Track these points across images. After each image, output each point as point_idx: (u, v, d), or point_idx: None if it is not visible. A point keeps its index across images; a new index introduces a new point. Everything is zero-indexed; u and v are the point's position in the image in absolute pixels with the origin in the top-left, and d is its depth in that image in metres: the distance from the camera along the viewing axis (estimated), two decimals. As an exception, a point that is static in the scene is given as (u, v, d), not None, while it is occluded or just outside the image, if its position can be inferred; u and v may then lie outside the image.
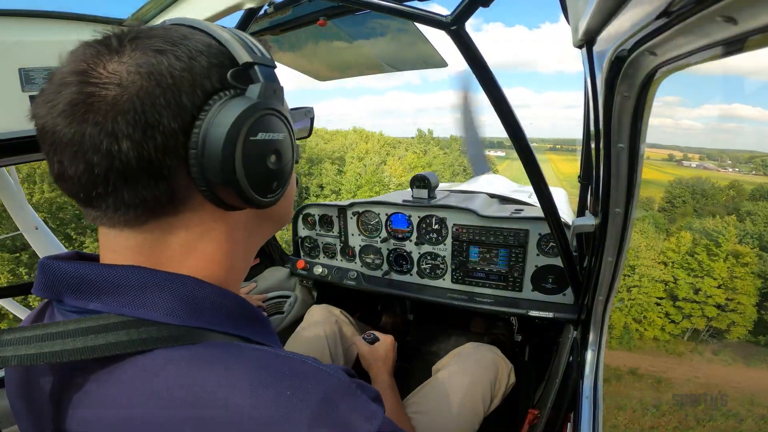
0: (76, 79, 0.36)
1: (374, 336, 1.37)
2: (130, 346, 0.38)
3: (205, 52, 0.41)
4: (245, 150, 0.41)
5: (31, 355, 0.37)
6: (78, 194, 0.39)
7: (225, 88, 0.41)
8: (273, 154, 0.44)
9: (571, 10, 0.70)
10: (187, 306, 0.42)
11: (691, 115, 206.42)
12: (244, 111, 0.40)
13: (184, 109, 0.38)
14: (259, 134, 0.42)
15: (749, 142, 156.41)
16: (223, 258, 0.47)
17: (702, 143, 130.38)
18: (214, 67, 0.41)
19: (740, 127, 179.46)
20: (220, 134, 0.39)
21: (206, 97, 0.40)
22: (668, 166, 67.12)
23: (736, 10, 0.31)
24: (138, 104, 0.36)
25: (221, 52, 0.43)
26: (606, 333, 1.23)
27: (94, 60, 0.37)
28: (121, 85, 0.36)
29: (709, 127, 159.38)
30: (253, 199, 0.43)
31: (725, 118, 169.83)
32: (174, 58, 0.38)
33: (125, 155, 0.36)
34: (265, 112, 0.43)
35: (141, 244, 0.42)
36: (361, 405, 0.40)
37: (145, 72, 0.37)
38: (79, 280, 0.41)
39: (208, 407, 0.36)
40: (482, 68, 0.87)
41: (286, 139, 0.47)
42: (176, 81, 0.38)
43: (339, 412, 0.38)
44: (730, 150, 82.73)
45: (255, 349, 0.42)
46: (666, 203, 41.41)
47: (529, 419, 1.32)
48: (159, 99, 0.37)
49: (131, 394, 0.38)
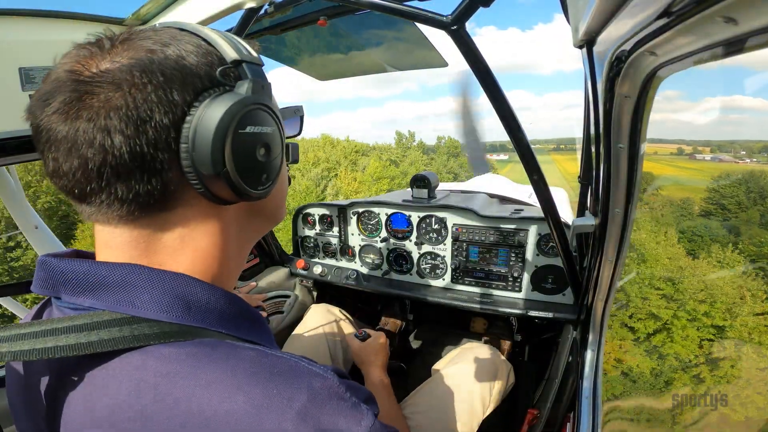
0: (69, 78, 0.37)
1: (366, 333, 1.37)
2: (121, 342, 0.39)
3: (194, 52, 0.42)
4: (234, 142, 0.42)
5: (24, 351, 0.37)
6: (72, 190, 0.40)
7: (214, 85, 0.43)
8: (262, 147, 0.46)
9: (572, 10, 0.70)
10: (180, 304, 0.42)
11: (692, 108, 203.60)
12: (232, 105, 0.41)
13: (175, 106, 0.39)
14: (247, 127, 0.43)
15: (754, 132, 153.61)
16: (217, 253, 0.47)
17: (706, 135, 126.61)
18: (204, 66, 0.42)
19: (743, 118, 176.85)
20: (209, 128, 0.40)
21: (196, 94, 0.41)
22: (680, 161, 59.49)
23: (736, 10, 0.31)
24: (130, 100, 0.37)
25: (210, 51, 0.44)
26: (605, 333, 1.23)
27: (86, 60, 0.39)
28: (113, 83, 0.37)
29: (711, 119, 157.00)
30: (243, 191, 0.44)
31: (727, 110, 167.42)
32: (165, 57, 0.40)
33: (118, 150, 0.37)
34: (254, 106, 0.44)
35: (136, 239, 0.43)
36: (350, 406, 0.40)
37: (137, 70, 0.38)
38: (76, 277, 0.42)
39: (195, 404, 0.36)
40: (482, 68, 0.88)
41: (275, 133, 0.48)
42: (167, 78, 0.39)
43: (325, 413, 0.38)
44: (741, 141, 77.62)
45: (246, 348, 0.42)
46: (712, 206, 30.60)
47: (529, 419, 1.32)
48: (150, 95, 0.38)
49: (120, 390, 0.39)
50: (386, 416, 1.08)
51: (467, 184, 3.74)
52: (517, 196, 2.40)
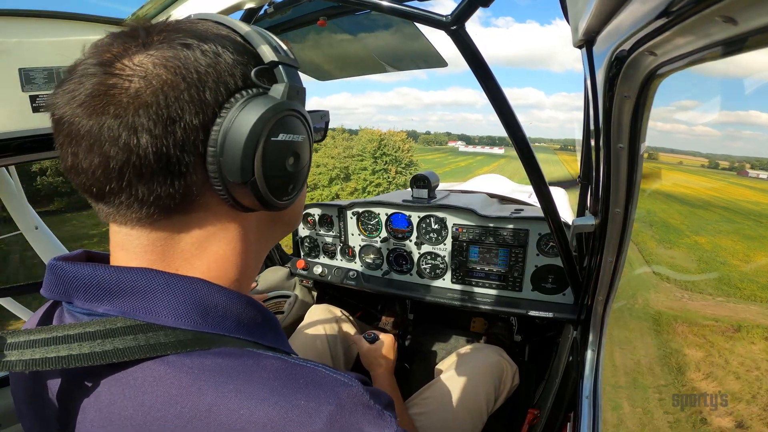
0: (99, 69, 0.35)
1: (375, 335, 1.37)
2: (137, 352, 0.37)
3: (230, 49, 0.40)
4: (266, 150, 0.40)
5: (36, 360, 0.35)
6: (90, 188, 0.38)
7: (248, 86, 0.41)
8: (292, 156, 0.44)
9: (571, 10, 0.70)
10: (197, 310, 0.41)
11: (705, 120, 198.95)
12: (267, 110, 0.39)
13: (206, 106, 0.37)
14: (280, 135, 0.41)
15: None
16: (235, 259, 0.46)
17: (734, 151, 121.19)
18: (239, 65, 0.40)
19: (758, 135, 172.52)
20: (242, 133, 0.38)
21: (229, 94, 0.39)
22: (730, 176, 53.90)
23: (736, 10, 0.31)
24: (162, 98, 0.35)
25: (246, 49, 0.42)
26: (606, 333, 1.23)
27: (120, 51, 0.37)
28: (145, 78, 0.35)
29: (725, 134, 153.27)
30: (269, 201, 0.42)
31: (742, 125, 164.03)
32: (200, 53, 0.38)
33: (143, 150, 0.35)
34: (288, 112, 0.42)
35: (153, 243, 0.41)
36: (376, 414, 0.39)
37: (171, 66, 0.36)
38: (89, 282, 0.40)
39: (219, 416, 0.35)
40: (482, 68, 0.88)
41: (305, 141, 0.46)
42: (201, 76, 0.37)
43: (352, 422, 0.37)
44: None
45: (268, 357, 0.41)
46: None
47: (529, 419, 1.32)
48: (183, 94, 0.36)
49: (139, 400, 0.37)
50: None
51: (467, 184, 3.75)
52: (517, 196, 2.40)
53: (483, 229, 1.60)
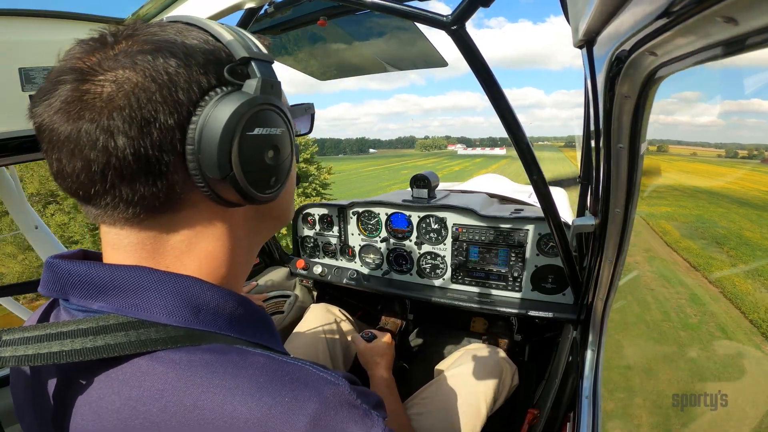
0: (71, 76, 0.36)
1: (372, 334, 1.37)
2: (128, 347, 0.38)
3: (201, 49, 0.41)
4: (242, 145, 0.40)
5: (29, 356, 0.36)
6: (77, 192, 0.39)
7: (222, 84, 0.41)
8: (271, 149, 0.44)
9: (571, 10, 0.70)
10: (188, 307, 0.42)
11: (710, 111, 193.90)
12: (240, 106, 0.39)
13: (180, 105, 0.38)
14: (255, 129, 0.42)
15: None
16: (224, 255, 0.47)
17: (748, 140, 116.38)
18: (211, 64, 0.41)
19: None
20: (216, 129, 0.38)
21: (202, 93, 0.40)
22: (749, 165, 44.88)
23: (736, 10, 0.31)
24: (134, 100, 0.36)
25: (218, 48, 0.42)
26: (606, 333, 1.23)
27: (89, 57, 0.37)
28: (116, 82, 0.36)
29: (730, 122, 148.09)
30: (251, 195, 0.43)
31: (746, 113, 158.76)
32: (170, 55, 0.38)
33: (122, 151, 0.36)
34: (262, 106, 0.42)
35: (143, 241, 0.42)
36: (362, 413, 0.39)
37: (140, 68, 0.37)
38: (84, 279, 0.41)
39: (203, 411, 0.36)
40: (482, 68, 0.87)
41: (285, 134, 0.46)
42: (172, 77, 0.38)
43: (336, 421, 0.37)
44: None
45: (256, 354, 0.41)
46: None
47: (529, 419, 1.32)
48: (155, 95, 0.37)
49: (126, 395, 0.38)
50: (392, 417, 1.08)
51: (467, 184, 3.75)
52: (517, 196, 2.40)
53: (483, 229, 1.60)
